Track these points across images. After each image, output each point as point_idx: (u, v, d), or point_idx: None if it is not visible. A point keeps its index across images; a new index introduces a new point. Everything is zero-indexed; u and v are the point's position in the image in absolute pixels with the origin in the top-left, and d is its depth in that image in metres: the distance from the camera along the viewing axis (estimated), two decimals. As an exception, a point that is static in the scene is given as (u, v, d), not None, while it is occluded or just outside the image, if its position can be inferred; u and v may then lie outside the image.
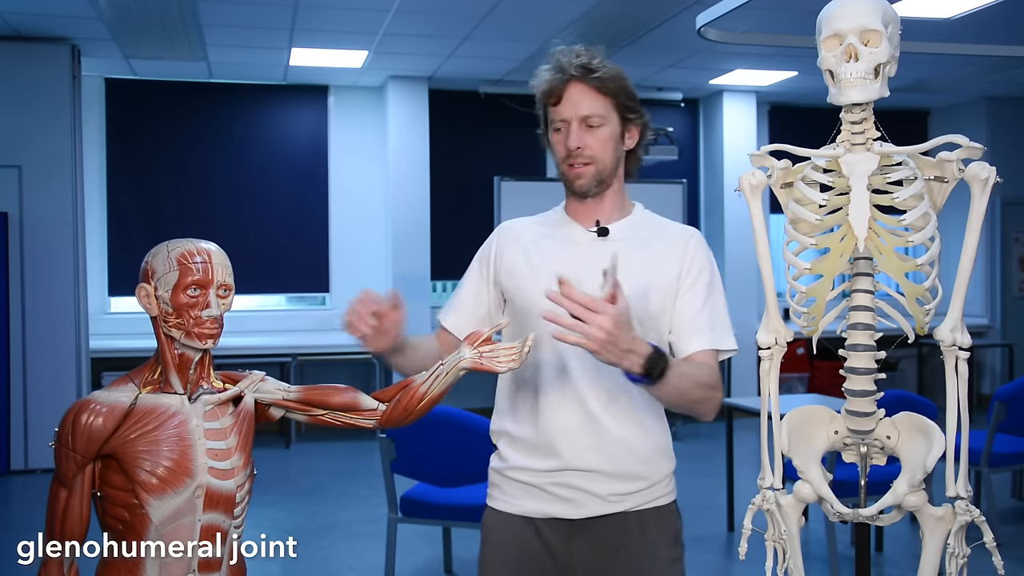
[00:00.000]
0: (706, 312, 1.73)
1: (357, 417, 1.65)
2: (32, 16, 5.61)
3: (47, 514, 1.51)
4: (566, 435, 1.69)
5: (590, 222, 1.77)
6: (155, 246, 1.57)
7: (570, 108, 1.72)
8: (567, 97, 1.72)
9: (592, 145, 1.73)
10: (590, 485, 1.68)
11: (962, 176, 1.48)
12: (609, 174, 1.75)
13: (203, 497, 1.52)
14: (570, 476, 1.69)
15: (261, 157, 7.47)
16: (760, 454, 1.65)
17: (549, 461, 1.70)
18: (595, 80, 1.71)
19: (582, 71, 1.71)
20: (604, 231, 1.76)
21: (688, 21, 4.09)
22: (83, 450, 1.47)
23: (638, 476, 1.71)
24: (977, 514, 1.53)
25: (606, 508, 1.68)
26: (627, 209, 1.82)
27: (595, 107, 1.72)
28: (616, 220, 1.78)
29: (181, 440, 1.51)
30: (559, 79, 1.72)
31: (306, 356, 6.95)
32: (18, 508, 5.39)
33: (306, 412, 1.65)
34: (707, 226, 8.23)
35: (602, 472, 1.68)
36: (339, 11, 5.51)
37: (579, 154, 1.72)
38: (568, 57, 1.73)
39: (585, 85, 1.71)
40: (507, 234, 1.85)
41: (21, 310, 5.99)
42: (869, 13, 1.47)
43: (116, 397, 1.51)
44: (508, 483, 1.76)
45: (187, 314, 1.52)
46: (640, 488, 1.71)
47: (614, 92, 1.72)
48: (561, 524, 1.70)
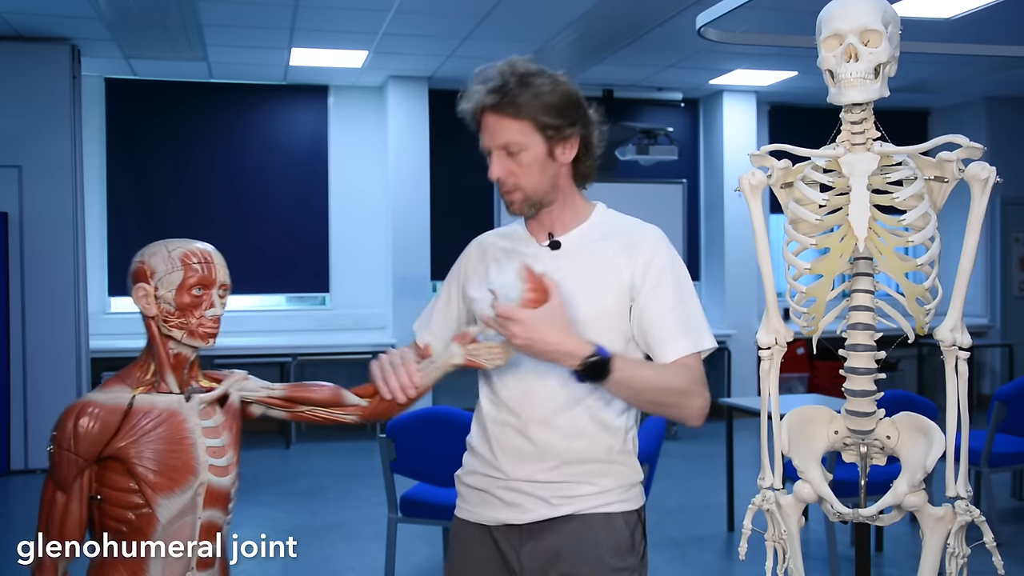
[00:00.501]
0: (678, 314, 1.66)
1: (339, 412, 1.68)
2: (32, 16, 5.60)
3: (42, 518, 1.50)
4: (507, 447, 1.69)
5: (543, 235, 1.75)
6: (149, 244, 1.58)
7: (487, 138, 1.69)
8: (484, 127, 1.69)
9: (516, 172, 1.67)
10: (534, 489, 1.67)
11: (962, 176, 1.48)
12: (543, 195, 1.70)
13: (203, 495, 1.53)
14: (518, 483, 1.68)
15: (261, 157, 7.47)
16: (760, 454, 1.65)
17: (495, 471, 1.71)
18: (508, 107, 1.64)
19: (494, 98, 1.64)
20: (556, 244, 1.73)
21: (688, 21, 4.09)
22: (86, 453, 1.47)
23: (584, 481, 1.67)
24: (977, 514, 1.53)
25: (551, 512, 1.66)
26: (583, 214, 1.76)
27: (511, 134, 1.65)
28: (572, 228, 1.74)
29: (183, 439, 1.52)
30: (472, 109, 1.69)
31: (306, 356, 6.95)
32: (18, 508, 5.39)
33: (288, 409, 1.68)
34: (707, 226, 8.23)
35: (544, 481, 1.67)
36: (339, 11, 5.51)
37: (503, 182, 1.69)
38: (482, 83, 1.67)
39: (498, 114, 1.65)
40: (475, 249, 1.86)
41: (21, 310, 5.99)
42: (869, 13, 1.47)
43: (113, 398, 1.51)
44: (467, 491, 1.77)
45: (190, 314, 1.54)
46: (588, 492, 1.67)
47: (531, 114, 1.64)
48: (512, 530, 1.69)
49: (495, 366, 1.62)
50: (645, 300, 1.66)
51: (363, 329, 7.44)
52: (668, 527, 4.66)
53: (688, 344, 1.64)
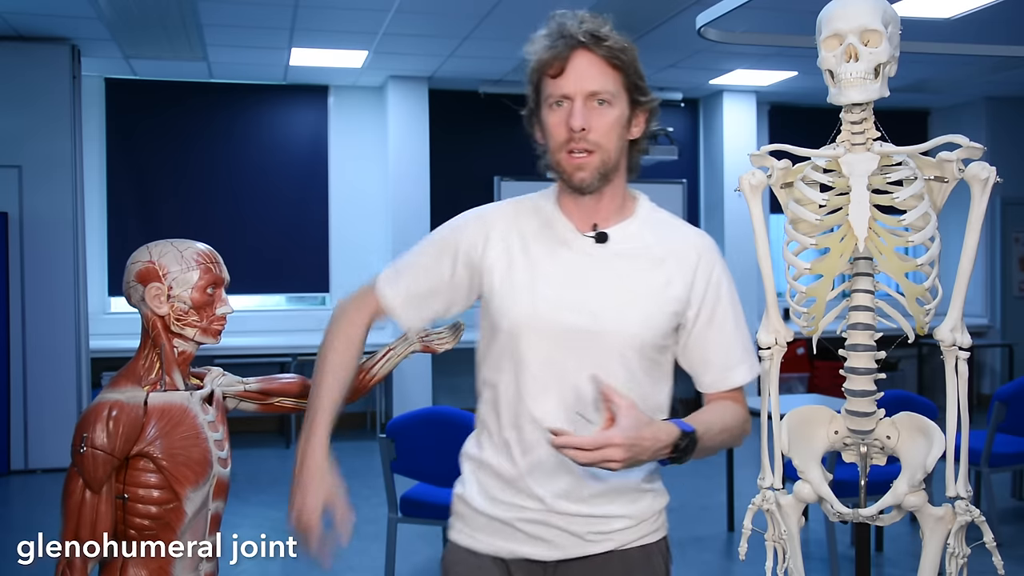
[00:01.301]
0: (739, 336, 1.54)
1: (304, 401, 1.73)
2: (32, 16, 5.60)
3: (71, 521, 1.50)
4: (545, 473, 1.47)
5: (585, 224, 1.51)
6: (147, 246, 1.63)
7: (575, 81, 1.43)
8: (572, 68, 1.43)
9: (598, 128, 1.44)
10: (567, 523, 1.47)
11: (962, 176, 1.48)
12: (612, 167, 1.48)
13: (213, 486, 1.60)
14: (547, 515, 1.47)
15: (261, 157, 7.47)
16: (760, 454, 1.65)
17: (525, 499, 1.48)
18: (606, 50, 1.44)
19: (591, 39, 1.43)
20: (603, 236, 1.50)
21: (688, 21, 4.09)
22: (120, 452, 1.50)
23: (621, 515, 1.50)
24: (977, 514, 1.53)
25: (586, 549, 1.48)
26: (628, 209, 1.54)
27: (605, 82, 1.44)
28: (615, 222, 1.52)
29: (198, 434, 1.59)
30: (564, 45, 1.43)
31: (306, 356, 6.93)
32: (18, 508, 5.38)
33: (260, 401, 1.77)
34: (707, 226, 8.22)
35: (580, 514, 1.47)
36: (339, 11, 5.51)
37: (583, 137, 1.43)
38: (574, 21, 1.45)
39: (594, 55, 1.44)
40: (487, 222, 1.55)
41: (21, 310, 5.99)
42: (869, 13, 1.47)
43: (131, 397, 1.55)
44: (476, 517, 1.53)
45: (204, 312, 1.60)
46: (625, 527, 1.50)
47: (626, 67, 1.45)
48: (534, 566, 1.48)
49: (445, 350, 1.87)
50: (705, 325, 1.51)
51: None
52: (668, 527, 4.65)
53: (748, 368, 1.55)
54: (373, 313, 1.58)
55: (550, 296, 1.47)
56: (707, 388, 1.56)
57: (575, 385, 1.45)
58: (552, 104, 1.46)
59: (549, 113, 1.47)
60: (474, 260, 1.53)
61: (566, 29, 1.45)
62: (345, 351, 1.55)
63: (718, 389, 1.55)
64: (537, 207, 1.56)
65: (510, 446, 1.49)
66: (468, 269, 1.53)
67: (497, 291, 1.50)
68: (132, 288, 1.62)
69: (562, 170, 1.48)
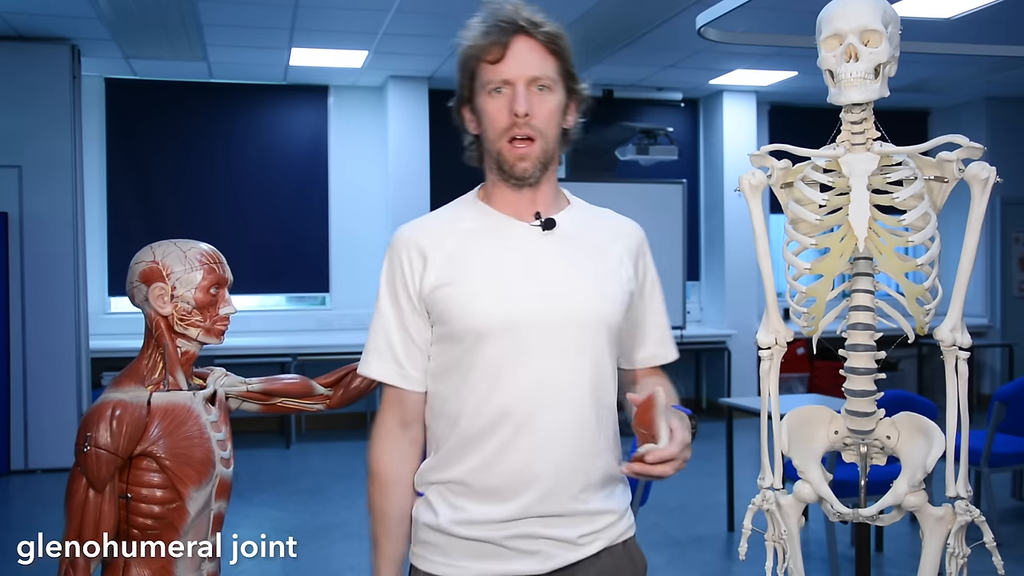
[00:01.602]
0: (666, 319, 1.62)
1: (307, 402, 1.81)
2: (32, 16, 5.60)
3: (74, 521, 1.51)
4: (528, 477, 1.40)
5: (525, 215, 1.47)
6: (151, 246, 1.63)
7: (516, 67, 1.41)
8: (512, 53, 1.42)
9: (540, 114, 1.41)
10: (556, 531, 1.41)
11: (962, 176, 1.48)
12: (551, 156, 1.46)
13: (216, 486, 1.61)
14: (533, 524, 1.40)
15: (261, 157, 7.47)
16: (760, 454, 1.65)
17: (508, 511, 1.40)
18: (545, 35, 1.43)
19: (530, 24, 1.43)
20: (550, 223, 1.46)
21: (688, 21, 4.09)
22: (124, 451, 1.51)
23: (606, 510, 1.46)
24: (977, 514, 1.53)
25: (578, 553, 1.42)
26: (563, 199, 1.54)
27: (545, 67, 1.43)
28: (555, 212, 1.50)
29: (202, 434, 1.59)
30: (502, 31, 1.42)
31: (306, 356, 6.94)
32: (18, 508, 5.39)
33: (263, 402, 1.78)
34: (707, 226, 8.23)
35: (568, 514, 1.42)
36: (339, 11, 5.51)
37: (526, 123, 1.41)
38: (510, 7, 1.44)
39: (534, 40, 1.43)
40: (416, 244, 1.51)
41: (21, 310, 5.99)
42: (869, 13, 1.47)
43: (134, 396, 1.55)
44: (454, 543, 1.42)
45: (208, 312, 1.61)
46: (609, 523, 1.46)
47: (563, 53, 1.45)
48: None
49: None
50: (646, 302, 1.57)
51: (363, 329, 7.32)
52: (668, 527, 4.66)
53: (674, 347, 1.63)
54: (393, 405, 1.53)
55: (512, 290, 1.42)
56: (641, 363, 1.59)
57: (548, 374, 1.41)
58: (491, 91, 1.44)
59: (488, 100, 1.45)
60: (425, 288, 1.46)
61: (503, 14, 1.43)
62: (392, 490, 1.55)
63: (651, 364, 1.59)
64: (460, 211, 1.56)
65: (485, 455, 1.41)
66: (420, 297, 1.47)
67: (456, 300, 1.43)
68: (136, 288, 1.62)
69: (503, 160, 1.45)
